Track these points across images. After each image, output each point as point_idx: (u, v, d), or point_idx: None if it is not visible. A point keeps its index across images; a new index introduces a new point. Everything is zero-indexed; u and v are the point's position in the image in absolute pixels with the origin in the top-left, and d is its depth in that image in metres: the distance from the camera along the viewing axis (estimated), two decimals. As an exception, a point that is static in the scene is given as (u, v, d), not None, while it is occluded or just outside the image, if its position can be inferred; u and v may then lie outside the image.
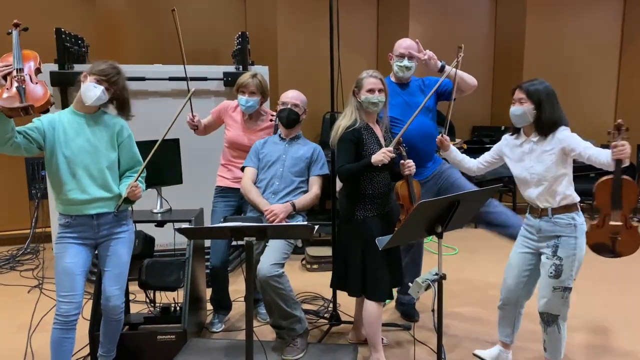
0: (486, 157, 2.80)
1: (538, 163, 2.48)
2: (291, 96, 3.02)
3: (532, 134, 2.53)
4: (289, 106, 2.98)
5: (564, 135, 2.44)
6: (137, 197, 2.47)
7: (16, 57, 2.23)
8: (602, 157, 2.33)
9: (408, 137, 2.88)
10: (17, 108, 2.10)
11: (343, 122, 2.75)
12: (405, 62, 3.14)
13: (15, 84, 2.15)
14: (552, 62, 6.24)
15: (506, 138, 2.68)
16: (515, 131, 2.62)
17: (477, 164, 2.83)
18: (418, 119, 3.00)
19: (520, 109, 2.47)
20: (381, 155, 2.56)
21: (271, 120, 3.28)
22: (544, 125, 2.45)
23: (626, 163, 2.23)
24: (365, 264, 2.70)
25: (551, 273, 2.46)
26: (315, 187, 2.97)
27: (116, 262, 2.48)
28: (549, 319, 2.52)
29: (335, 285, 2.96)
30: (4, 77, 2.18)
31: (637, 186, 2.21)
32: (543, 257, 2.52)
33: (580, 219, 2.49)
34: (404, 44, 3.18)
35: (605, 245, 2.26)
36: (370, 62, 6.37)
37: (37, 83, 2.23)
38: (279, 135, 3.06)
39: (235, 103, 3.34)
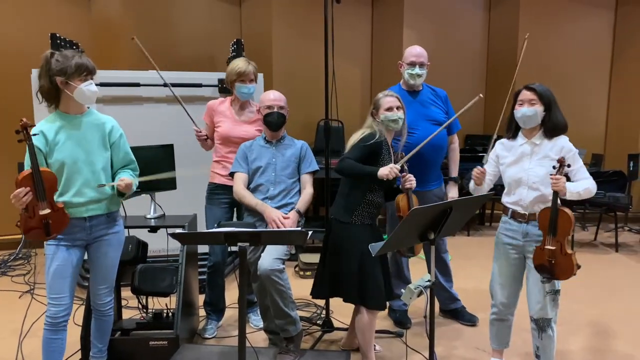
0: (489, 171, 2.71)
1: (539, 167, 2.48)
2: (274, 98, 2.99)
3: (533, 136, 2.52)
4: (275, 109, 2.96)
5: (569, 147, 2.47)
6: (128, 189, 2.42)
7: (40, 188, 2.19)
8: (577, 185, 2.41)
9: (416, 145, 2.89)
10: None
11: (366, 131, 2.75)
12: (417, 70, 3.17)
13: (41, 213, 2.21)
14: (544, 71, 6.28)
15: (502, 142, 2.67)
16: (513, 132, 2.60)
17: (488, 182, 2.73)
18: (429, 129, 3.03)
19: (533, 110, 2.45)
20: (387, 170, 2.55)
21: (258, 111, 3.16)
22: (554, 127, 2.47)
23: (563, 195, 2.33)
24: (364, 270, 2.67)
25: (544, 279, 2.46)
26: (308, 187, 2.96)
27: (105, 262, 2.50)
28: (544, 324, 2.52)
29: (327, 294, 2.88)
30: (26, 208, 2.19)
31: (572, 217, 2.34)
32: (529, 262, 2.51)
33: None
34: (414, 52, 3.20)
35: (545, 266, 2.40)
36: (365, 70, 6.41)
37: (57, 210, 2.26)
38: (264, 138, 3.04)
39: (219, 100, 3.32)
